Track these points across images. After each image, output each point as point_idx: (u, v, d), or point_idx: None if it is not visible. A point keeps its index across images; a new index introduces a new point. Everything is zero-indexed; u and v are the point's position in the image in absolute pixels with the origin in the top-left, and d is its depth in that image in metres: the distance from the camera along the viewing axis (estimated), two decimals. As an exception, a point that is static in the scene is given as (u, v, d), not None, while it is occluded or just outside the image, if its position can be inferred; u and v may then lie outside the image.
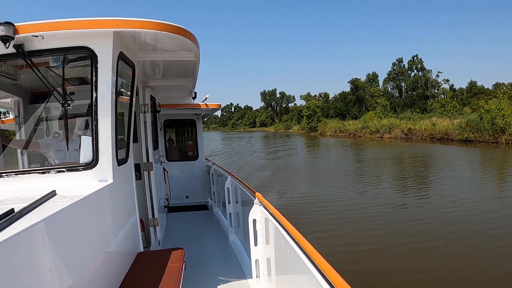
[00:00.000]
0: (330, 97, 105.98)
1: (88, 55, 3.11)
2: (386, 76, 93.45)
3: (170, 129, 10.26)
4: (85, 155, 3.22)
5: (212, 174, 8.72)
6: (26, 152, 3.97)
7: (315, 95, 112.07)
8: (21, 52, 2.97)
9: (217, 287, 4.47)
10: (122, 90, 3.82)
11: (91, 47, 3.09)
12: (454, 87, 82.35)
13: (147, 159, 5.61)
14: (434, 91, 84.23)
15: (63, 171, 3.14)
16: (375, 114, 65.04)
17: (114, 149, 3.26)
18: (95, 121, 3.12)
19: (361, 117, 69.41)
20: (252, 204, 3.83)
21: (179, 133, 10.52)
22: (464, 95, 76.83)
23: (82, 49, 3.10)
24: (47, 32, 2.96)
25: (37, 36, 2.96)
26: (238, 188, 5.81)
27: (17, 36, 2.88)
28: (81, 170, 3.16)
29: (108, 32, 3.11)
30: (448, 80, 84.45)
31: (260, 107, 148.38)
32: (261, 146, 49.62)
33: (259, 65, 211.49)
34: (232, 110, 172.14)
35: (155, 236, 5.66)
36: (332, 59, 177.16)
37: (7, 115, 5.88)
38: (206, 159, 10.37)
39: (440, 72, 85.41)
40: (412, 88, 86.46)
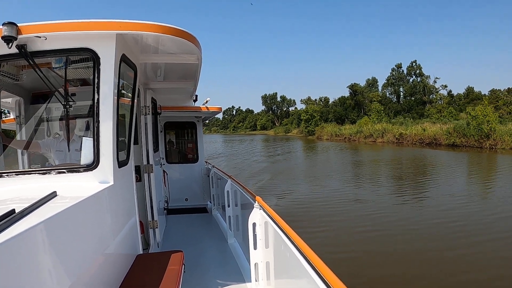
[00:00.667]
0: (330, 102, 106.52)
1: (91, 57, 3.10)
2: (385, 82, 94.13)
3: (171, 131, 10.26)
4: (86, 157, 3.21)
5: (212, 177, 8.71)
6: (27, 153, 3.96)
7: (316, 99, 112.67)
8: (24, 53, 2.97)
9: None
10: (124, 92, 3.82)
11: (94, 49, 3.09)
12: (452, 93, 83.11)
13: (148, 161, 5.61)
14: (432, 97, 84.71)
15: (64, 172, 3.14)
16: (370, 119, 66.59)
17: (115, 151, 3.25)
18: (97, 123, 3.11)
19: (357, 122, 70.75)
20: (252, 208, 3.82)
21: (179, 135, 10.52)
22: (462, 101, 77.27)
23: (85, 51, 3.10)
24: (50, 33, 2.96)
25: (40, 37, 2.95)
26: (238, 192, 5.80)
27: (20, 37, 2.88)
28: (82, 172, 3.15)
29: (111, 34, 3.10)
30: (446, 86, 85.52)
31: (261, 111, 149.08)
32: (261, 148, 52.71)
33: (261, 69, 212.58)
34: (234, 113, 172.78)
35: (154, 238, 5.65)
36: (334, 64, 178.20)
37: (8, 115, 5.88)
38: (206, 162, 10.36)
39: (438, 78, 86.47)
40: (410, 94, 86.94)
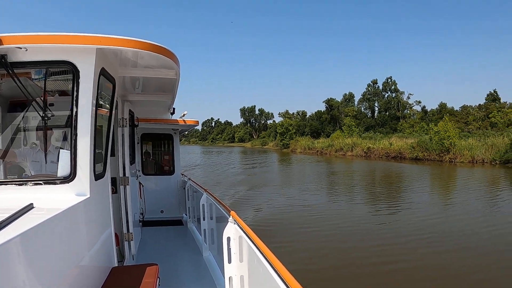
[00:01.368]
0: (308, 116, 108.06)
1: (70, 70, 3.13)
2: (361, 97, 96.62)
3: (148, 142, 10.21)
4: (63, 169, 3.21)
5: (188, 190, 8.70)
6: (3, 162, 3.90)
7: (293, 113, 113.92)
8: (4, 63, 2.96)
9: None
10: (102, 103, 3.84)
11: (74, 62, 3.12)
12: (426, 109, 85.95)
13: (124, 174, 5.58)
14: (406, 112, 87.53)
15: (41, 184, 3.12)
16: (342, 133, 69.11)
17: (92, 164, 3.27)
18: (74, 136, 3.13)
19: (330, 136, 72.83)
20: (227, 222, 3.85)
21: (156, 147, 10.47)
22: (435, 116, 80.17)
23: (65, 64, 3.12)
24: (31, 45, 2.97)
25: (21, 48, 2.96)
26: (213, 205, 5.83)
27: (1, 47, 2.88)
28: (59, 184, 3.14)
29: (91, 49, 3.14)
30: (420, 102, 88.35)
31: (240, 123, 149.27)
32: (238, 160, 55.66)
33: (241, 82, 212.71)
34: (213, 125, 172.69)
35: (130, 251, 5.60)
36: (313, 79, 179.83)
37: None
38: (182, 174, 10.34)
39: (411, 94, 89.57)
40: (385, 109, 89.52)
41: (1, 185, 3.13)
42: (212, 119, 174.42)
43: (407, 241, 11.43)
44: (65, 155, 3.21)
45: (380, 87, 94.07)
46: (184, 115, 9.05)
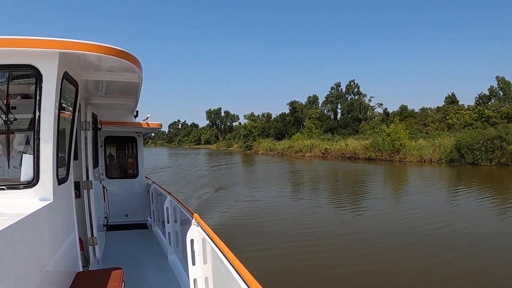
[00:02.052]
0: (272, 118, 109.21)
1: (33, 74, 3.11)
2: (325, 99, 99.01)
3: (111, 145, 10.03)
4: (26, 173, 3.18)
5: (152, 193, 8.64)
6: None
7: (259, 115, 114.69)
8: None
9: None
10: (64, 106, 3.81)
11: (37, 66, 3.10)
12: (388, 111, 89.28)
13: (87, 177, 5.51)
14: (367, 114, 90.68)
15: (3, 189, 3.08)
16: (302, 135, 71.46)
17: (55, 168, 3.25)
18: (37, 140, 3.11)
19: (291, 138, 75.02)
20: (190, 224, 3.90)
21: (120, 149, 10.31)
22: (396, 118, 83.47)
23: (28, 67, 3.10)
24: None
25: None
26: (177, 208, 5.85)
27: None
28: (22, 188, 3.11)
29: (54, 53, 3.14)
30: (382, 104, 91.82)
31: (206, 125, 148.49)
32: (204, 161, 57.11)
33: (206, 84, 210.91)
34: (179, 127, 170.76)
35: (94, 255, 5.53)
36: (278, 81, 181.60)
37: None
38: (146, 177, 10.24)
39: (372, 97, 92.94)
40: (348, 111, 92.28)
41: None
42: (179, 121, 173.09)
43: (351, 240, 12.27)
44: (28, 159, 3.18)
45: (344, 90, 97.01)
46: (148, 118, 9.00)
